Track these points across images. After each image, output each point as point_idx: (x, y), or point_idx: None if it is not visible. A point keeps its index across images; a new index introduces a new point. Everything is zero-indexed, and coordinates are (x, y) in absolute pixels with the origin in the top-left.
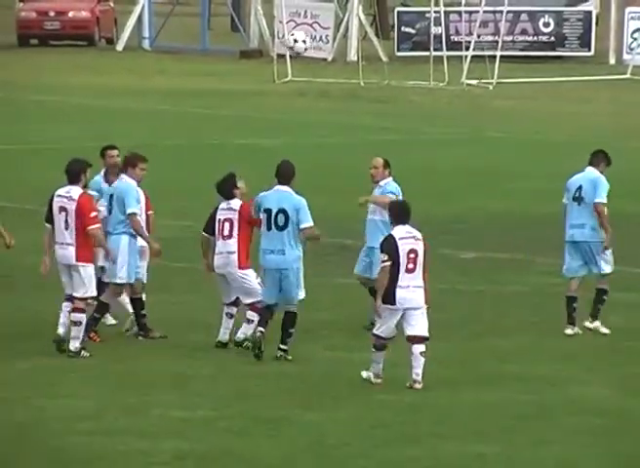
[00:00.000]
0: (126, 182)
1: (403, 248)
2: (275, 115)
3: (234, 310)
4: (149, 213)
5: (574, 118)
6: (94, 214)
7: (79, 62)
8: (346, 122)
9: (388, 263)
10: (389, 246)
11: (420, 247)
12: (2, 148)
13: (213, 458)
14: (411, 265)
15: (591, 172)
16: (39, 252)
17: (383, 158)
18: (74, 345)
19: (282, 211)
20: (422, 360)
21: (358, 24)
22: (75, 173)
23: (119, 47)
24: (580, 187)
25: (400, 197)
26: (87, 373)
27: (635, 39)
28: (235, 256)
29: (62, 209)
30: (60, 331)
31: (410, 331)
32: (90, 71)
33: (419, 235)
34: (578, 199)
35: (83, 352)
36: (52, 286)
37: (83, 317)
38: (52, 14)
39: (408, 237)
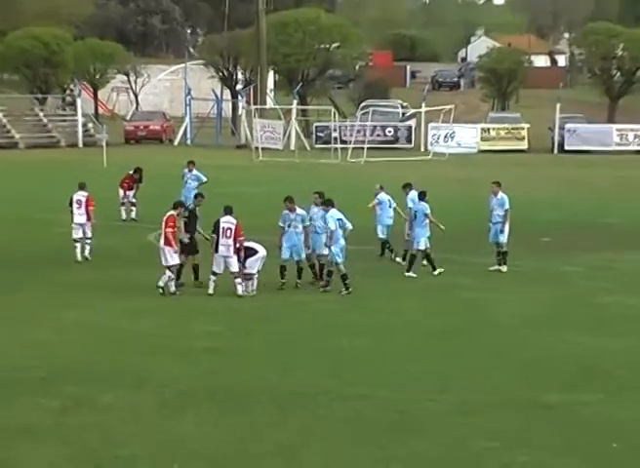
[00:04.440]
0: None
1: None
2: (254, 177)
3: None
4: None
5: (402, 178)
6: None
7: (156, 152)
8: (288, 179)
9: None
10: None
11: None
12: None
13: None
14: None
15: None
16: None
17: (320, 192)
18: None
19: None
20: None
21: (295, 131)
22: None
23: (175, 143)
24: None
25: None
26: None
27: (433, 139)
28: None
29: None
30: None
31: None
32: (160, 155)
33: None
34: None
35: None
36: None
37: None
38: (141, 127)
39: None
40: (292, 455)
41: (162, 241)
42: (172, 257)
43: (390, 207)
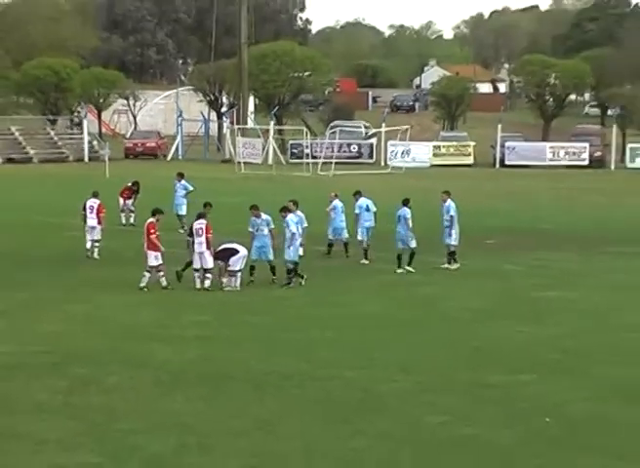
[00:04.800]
0: None
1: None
2: (236, 187)
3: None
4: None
5: (363, 185)
6: None
7: (152, 166)
8: (266, 190)
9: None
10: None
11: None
12: None
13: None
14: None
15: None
16: None
17: (294, 200)
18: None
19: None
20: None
21: (272, 148)
22: None
23: (168, 158)
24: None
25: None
26: None
27: (392, 155)
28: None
29: None
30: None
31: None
32: (155, 169)
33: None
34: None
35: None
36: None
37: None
38: (139, 144)
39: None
40: (270, 429)
41: (145, 245)
42: (156, 259)
43: (369, 211)
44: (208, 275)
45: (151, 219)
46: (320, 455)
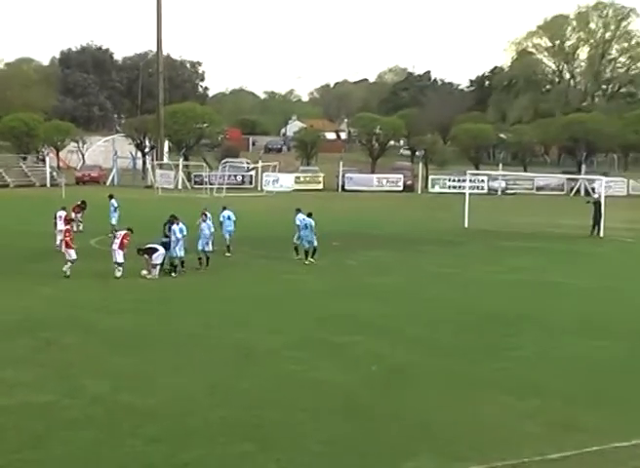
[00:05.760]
0: None
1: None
2: (155, 205)
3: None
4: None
5: (244, 204)
6: None
7: (95, 189)
8: (177, 207)
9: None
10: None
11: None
12: None
13: None
14: None
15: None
16: None
17: (205, 211)
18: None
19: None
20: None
21: (181, 177)
22: None
23: (107, 184)
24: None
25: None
26: None
27: (265, 183)
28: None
29: None
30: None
31: None
32: (97, 192)
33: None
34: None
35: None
36: None
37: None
38: (86, 174)
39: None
40: (181, 373)
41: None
42: (73, 255)
43: (230, 219)
44: (120, 268)
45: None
46: (217, 393)
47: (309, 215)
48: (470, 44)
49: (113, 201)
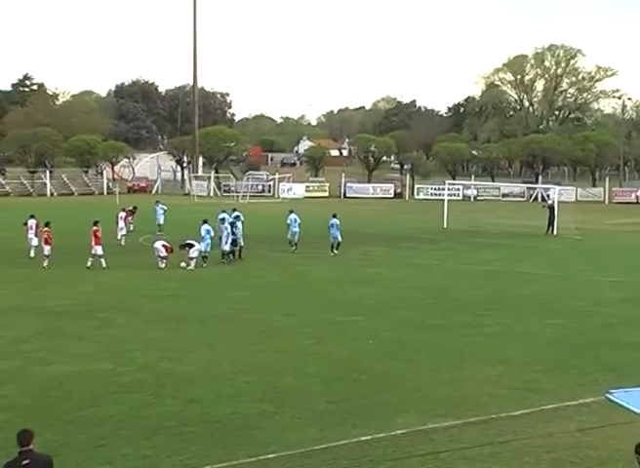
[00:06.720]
0: None
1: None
2: (192, 208)
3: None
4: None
5: (263, 208)
6: None
7: (143, 197)
8: (209, 211)
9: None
10: None
11: None
12: None
13: None
14: None
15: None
16: None
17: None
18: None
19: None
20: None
21: (213, 186)
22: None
23: (152, 192)
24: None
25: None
26: None
27: (282, 191)
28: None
29: None
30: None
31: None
32: (145, 199)
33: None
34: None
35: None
36: None
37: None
38: (136, 184)
39: None
40: (211, 347)
41: (93, 242)
42: (99, 251)
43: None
44: (101, 260)
45: (95, 228)
46: (242, 363)
47: (334, 216)
48: (448, 77)
49: (162, 205)
